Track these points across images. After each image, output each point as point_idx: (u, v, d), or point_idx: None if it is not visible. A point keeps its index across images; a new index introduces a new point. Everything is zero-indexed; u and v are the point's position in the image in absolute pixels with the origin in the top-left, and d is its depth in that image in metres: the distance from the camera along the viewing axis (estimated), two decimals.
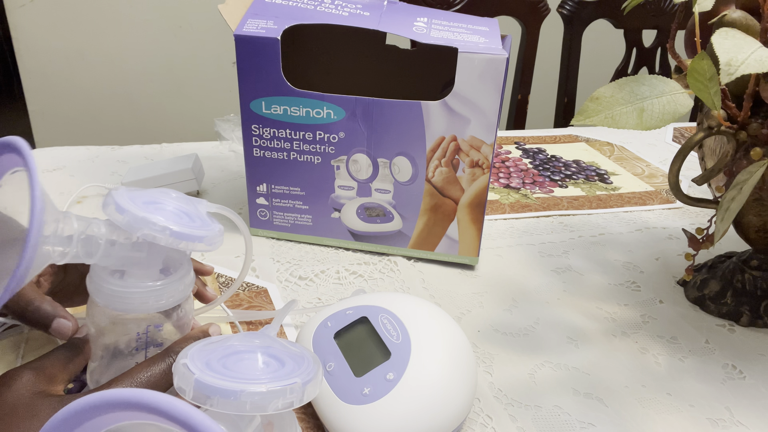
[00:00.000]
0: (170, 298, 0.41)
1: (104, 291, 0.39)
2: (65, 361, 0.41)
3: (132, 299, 0.40)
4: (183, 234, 0.38)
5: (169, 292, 0.41)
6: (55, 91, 1.88)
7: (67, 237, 0.36)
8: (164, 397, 0.24)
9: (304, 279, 0.63)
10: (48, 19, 1.79)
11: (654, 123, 0.46)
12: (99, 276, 0.40)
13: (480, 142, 0.61)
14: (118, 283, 0.39)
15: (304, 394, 0.34)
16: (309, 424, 0.46)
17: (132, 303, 0.40)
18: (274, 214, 0.68)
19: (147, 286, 0.40)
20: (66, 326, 0.43)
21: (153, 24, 1.87)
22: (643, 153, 1.01)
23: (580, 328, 0.59)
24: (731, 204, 0.46)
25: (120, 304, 0.40)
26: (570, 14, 1.30)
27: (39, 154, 0.88)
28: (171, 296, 0.41)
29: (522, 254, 0.70)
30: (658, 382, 0.53)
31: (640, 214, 0.81)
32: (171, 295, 0.41)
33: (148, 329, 0.42)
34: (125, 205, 0.38)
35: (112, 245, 0.38)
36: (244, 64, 0.61)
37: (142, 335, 0.42)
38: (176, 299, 0.41)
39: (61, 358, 0.41)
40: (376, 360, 0.44)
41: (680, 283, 0.66)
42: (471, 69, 0.58)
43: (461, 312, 0.60)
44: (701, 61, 0.44)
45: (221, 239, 0.41)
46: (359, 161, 0.64)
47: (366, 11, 0.63)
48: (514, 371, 0.53)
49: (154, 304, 0.40)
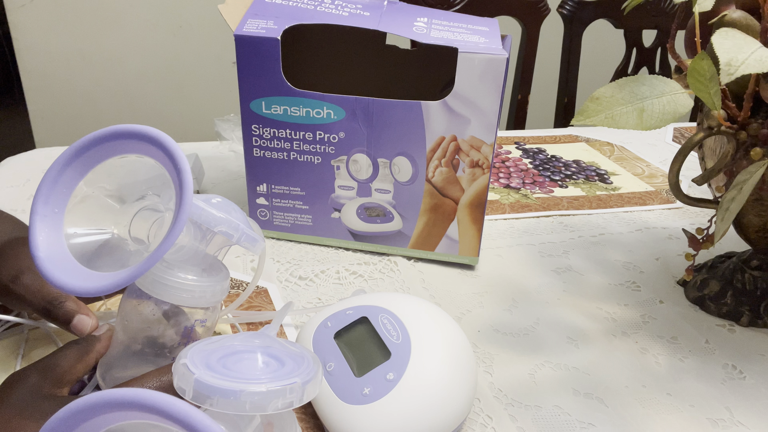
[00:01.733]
0: (223, 293, 0.44)
1: (168, 284, 0.41)
2: (73, 360, 0.40)
3: (195, 292, 0.41)
4: (250, 235, 0.42)
5: (222, 288, 0.43)
6: (55, 91, 1.88)
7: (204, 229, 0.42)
8: (164, 397, 0.24)
9: (304, 279, 0.63)
10: (48, 19, 1.79)
11: (654, 123, 0.46)
12: (159, 273, 0.41)
13: (480, 142, 0.61)
14: (183, 276, 0.41)
15: (303, 394, 0.34)
16: (309, 424, 0.46)
17: (196, 296, 0.42)
18: (274, 214, 0.69)
19: (209, 280, 0.42)
20: (86, 323, 0.43)
21: (153, 24, 1.87)
22: (643, 153, 1.01)
23: (580, 328, 0.59)
24: (731, 204, 0.47)
25: (186, 296, 0.41)
26: (570, 14, 1.30)
27: (39, 154, 0.88)
28: (223, 292, 0.44)
29: (522, 254, 0.70)
30: (658, 382, 0.53)
31: (640, 214, 0.81)
32: (223, 291, 0.44)
33: (194, 324, 0.43)
34: (202, 205, 0.41)
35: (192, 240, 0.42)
36: (244, 64, 0.61)
37: (188, 329, 0.43)
38: (223, 295, 0.44)
39: (69, 358, 0.40)
40: (376, 360, 0.44)
41: (680, 283, 0.66)
42: (471, 69, 0.58)
43: (461, 312, 0.60)
44: (701, 61, 0.44)
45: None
46: (359, 161, 0.64)
47: (366, 11, 0.63)
48: (514, 371, 0.53)
49: (211, 298, 0.42)
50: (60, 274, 0.37)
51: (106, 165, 0.41)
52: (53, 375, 0.39)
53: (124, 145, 0.39)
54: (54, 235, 0.38)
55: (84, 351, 0.41)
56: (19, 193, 0.77)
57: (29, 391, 0.37)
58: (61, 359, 0.40)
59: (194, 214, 0.40)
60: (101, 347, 0.43)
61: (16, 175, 0.81)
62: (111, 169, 0.41)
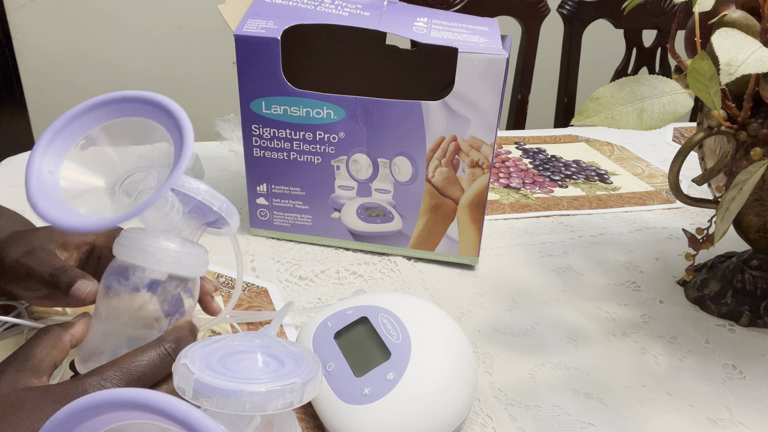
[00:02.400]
0: (205, 266, 0.44)
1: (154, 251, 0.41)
2: (49, 348, 0.39)
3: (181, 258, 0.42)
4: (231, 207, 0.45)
5: (204, 261, 0.44)
6: (55, 91, 1.88)
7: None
8: (164, 397, 0.24)
9: (304, 279, 0.63)
10: (48, 19, 1.79)
11: (654, 123, 0.46)
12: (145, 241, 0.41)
13: (480, 142, 0.61)
14: (168, 244, 0.42)
15: (303, 394, 0.34)
16: (309, 424, 0.46)
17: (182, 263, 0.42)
18: (274, 214, 0.69)
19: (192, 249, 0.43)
20: (86, 285, 0.43)
21: (153, 24, 1.87)
22: (643, 153, 1.01)
23: (580, 328, 0.59)
24: (731, 204, 0.46)
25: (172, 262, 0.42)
26: (570, 14, 1.30)
27: None
28: (205, 264, 0.44)
29: (522, 254, 0.70)
30: (658, 382, 0.53)
31: (640, 214, 0.81)
32: (205, 263, 0.44)
33: (180, 294, 0.43)
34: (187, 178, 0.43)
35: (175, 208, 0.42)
36: (244, 64, 0.61)
37: (175, 298, 0.43)
38: (205, 268, 0.44)
39: (43, 346, 0.39)
40: (376, 360, 0.44)
41: (680, 283, 0.66)
42: (471, 69, 0.58)
43: (461, 312, 0.60)
44: (701, 61, 0.44)
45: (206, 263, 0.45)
46: (359, 161, 0.64)
47: (366, 11, 0.63)
48: (514, 371, 0.53)
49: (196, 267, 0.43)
50: (51, 210, 0.38)
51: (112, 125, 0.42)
52: (29, 366, 0.38)
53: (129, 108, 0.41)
54: (48, 177, 0.40)
55: (57, 336, 0.40)
56: (19, 193, 0.77)
57: (7, 385, 0.37)
58: (35, 348, 0.39)
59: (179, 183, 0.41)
60: (76, 331, 0.42)
61: (16, 175, 0.81)
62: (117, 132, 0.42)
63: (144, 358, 0.39)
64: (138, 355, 0.39)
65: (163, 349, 0.40)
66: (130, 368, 0.38)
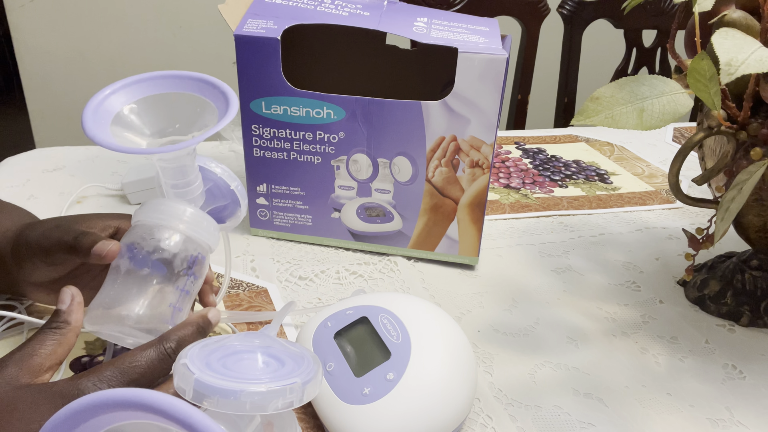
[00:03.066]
0: (218, 239, 0.47)
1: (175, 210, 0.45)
2: (50, 346, 0.39)
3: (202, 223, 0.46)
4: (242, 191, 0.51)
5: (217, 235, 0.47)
6: (55, 91, 1.88)
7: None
8: (164, 397, 0.24)
9: (304, 279, 0.63)
10: (48, 19, 1.79)
11: (654, 123, 0.46)
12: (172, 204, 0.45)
13: (480, 142, 0.61)
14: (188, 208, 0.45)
15: (303, 394, 0.34)
16: (309, 424, 0.46)
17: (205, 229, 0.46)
18: (274, 214, 0.69)
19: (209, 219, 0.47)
20: (106, 245, 0.43)
21: (153, 24, 1.87)
22: (643, 153, 1.01)
23: (580, 328, 0.59)
24: (731, 204, 0.46)
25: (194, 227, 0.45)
26: (570, 14, 1.30)
27: (39, 154, 0.88)
28: (218, 238, 0.47)
29: (522, 254, 0.70)
30: (658, 382, 0.53)
31: (640, 214, 0.81)
32: (218, 237, 0.47)
33: (198, 256, 0.46)
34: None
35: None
36: (244, 64, 0.61)
37: (194, 258, 0.45)
38: (218, 242, 0.48)
39: (45, 344, 0.39)
40: (376, 360, 0.44)
41: (680, 283, 0.66)
42: (471, 69, 0.58)
43: (461, 312, 0.60)
44: (701, 61, 0.44)
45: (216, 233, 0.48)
46: (359, 161, 0.64)
47: (366, 11, 0.63)
48: (514, 371, 0.53)
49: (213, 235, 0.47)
50: (96, 131, 0.43)
51: (169, 95, 0.47)
52: (31, 363, 0.37)
53: (189, 84, 0.47)
54: (104, 112, 0.45)
55: (62, 333, 0.40)
56: (19, 193, 0.77)
57: (7, 383, 0.36)
58: (38, 345, 0.39)
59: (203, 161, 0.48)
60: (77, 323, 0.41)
61: (16, 175, 0.81)
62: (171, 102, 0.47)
63: (143, 358, 0.38)
64: (137, 355, 0.38)
65: (163, 348, 0.39)
66: (128, 368, 0.38)
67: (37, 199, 0.76)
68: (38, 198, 0.76)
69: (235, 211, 0.51)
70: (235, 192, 0.50)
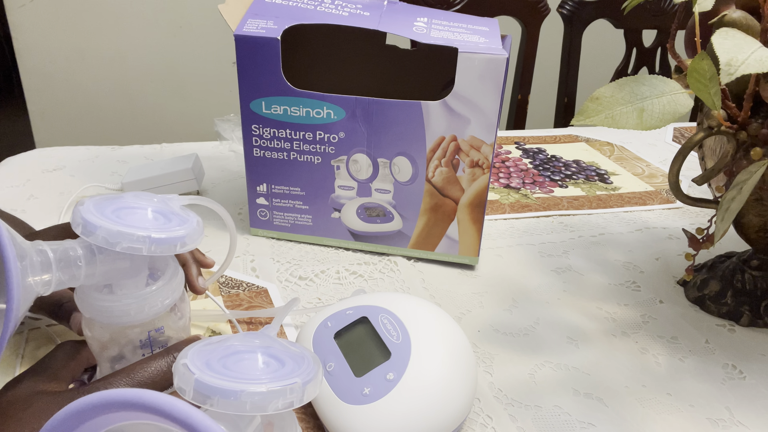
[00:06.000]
0: (164, 300, 0.40)
1: (96, 307, 0.39)
2: (67, 358, 0.41)
3: (127, 310, 0.39)
4: (164, 239, 0.37)
5: (162, 296, 0.40)
6: (55, 91, 1.88)
7: (45, 266, 0.35)
8: (164, 397, 0.24)
9: (304, 279, 0.63)
10: (48, 19, 1.79)
11: (654, 123, 0.46)
12: (88, 294, 0.39)
13: (480, 142, 0.61)
14: (108, 298, 0.39)
15: (304, 394, 0.34)
16: (309, 424, 0.46)
17: (128, 314, 0.39)
18: (274, 214, 0.68)
19: (139, 295, 0.39)
20: (80, 317, 0.43)
21: (153, 24, 1.87)
22: (643, 153, 1.01)
23: (580, 328, 0.59)
24: (731, 204, 0.46)
25: (116, 318, 0.39)
26: (570, 14, 1.30)
27: (39, 154, 0.88)
28: (165, 299, 0.40)
29: (522, 254, 0.70)
30: (658, 382, 0.53)
31: (640, 214, 0.81)
32: (165, 297, 0.40)
33: (150, 335, 0.42)
34: (95, 221, 0.36)
35: (92, 264, 0.37)
36: (244, 64, 0.61)
37: (145, 341, 0.42)
38: (171, 300, 0.41)
39: (62, 357, 0.41)
40: (376, 360, 0.44)
41: (680, 283, 0.66)
42: (471, 69, 0.58)
43: (461, 312, 0.60)
44: (701, 61, 0.44)
45: (201, 231, 0.40)
46: (359, 161, 0.64)
47: (366, 11, 0.63)
48: (514, 371, 0.53)
49: (150, 311, 0.40)
50: None
51: None
52: (47, 375, 0.39)
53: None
54: None
55: (76, 349, 0.42)
56: (19, 193, 0.77)
57: (24, 388, 0.38)
58: (54, 358, 0.40)
59: (90, 239, 0.36)
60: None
61: (16, 175, 0.82)
62: None
63: (152, 367, 0.39)
64: (146, 364, 0.39)
65: (172, 358, 0.40)
66: (138, 376, 0.39)
67: (37, 199, 0.76)
68: (38, 198, 0.76)
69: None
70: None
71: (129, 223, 0.37)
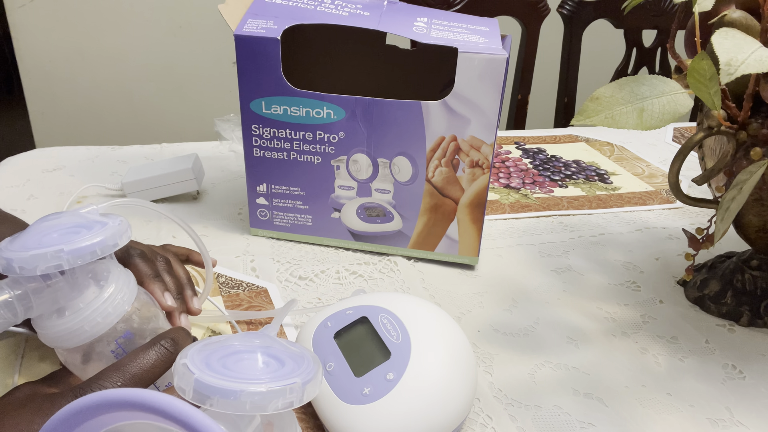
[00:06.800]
0: (121, 305, 0.40)
1: (51, 335, 0.38)
2: (68, 373, 0.41)
3: (80, 328, 0.38)
4: (80, 249, 0.36)
5: (114, 302, 0.39)
6: (55, 91, 1.88)
7: None
8: (164, 396, 0.24)
9: (304, 279, 0.63)
10: (48, 19, 1.79)
11: (654, 123, 0.46)
12: (39, 324, 0.38)
13: (480, 142, 0.61)
14: (59, 322, 0.38)
15: (304, 394, 0.34)
16: (309, 424, 0.46)
17: (83, 331, 0.38)
18: (274, 214, 0.68)
19: (90, 308, 0.38)
20: None
21: (153, 24, 1.87)
22: (643, 153, 1.01)
23: (580, 328, 0.59)
24: (731, 204, 0.46)
25: (75, 337, 0.38)
26: (570, 14, 1.30)
27: (39, 154, 0.88)
28: (121, 303, 0.40)
29: (522, 254, 0.70)
30: (658, 382, 0.53)
31: (640, 214, 0.81)
32: (119, 303, 0.40)
33: (118, 342, 0.41)
34: (7, 254, 0.36)
35: (26, 298, 0.36)
36: (244, 64, 0.61)
37: (117, 350, 0.41)
38: (127, 302, 0.40)
39: (65, 371, 0.41)
40: (376, 360, 0.44)
41: (680, 283, 0.66)
42: (471, 69, 0.58)
43: (461, 312, 0.60)
44: (701, 61, 0.44)
45: (127, 230, 0.39)
46: (359, 161, 0.64)
47: (366, 11, 0.63)
48: (514, 371, 0.53)
49: (104, 320, 0.39)
50: None
51: None
52: (51, 379, 0.39)
53: None
54: None
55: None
56: (19, 193, 0.77)
57: (26, 390, 0.38)
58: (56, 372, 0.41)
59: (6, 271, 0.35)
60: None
61: (16, 175, 0.82)
62: None
63: (144, 358, 0.39)
64: (137, 356, 0.39)
65: (160, 346, 0.40)
66: (131, 369, 0.38)
67: (37, 199, 0.76)
68: (38, 198, 0.76)
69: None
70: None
71: (40, 245, 0.36)
